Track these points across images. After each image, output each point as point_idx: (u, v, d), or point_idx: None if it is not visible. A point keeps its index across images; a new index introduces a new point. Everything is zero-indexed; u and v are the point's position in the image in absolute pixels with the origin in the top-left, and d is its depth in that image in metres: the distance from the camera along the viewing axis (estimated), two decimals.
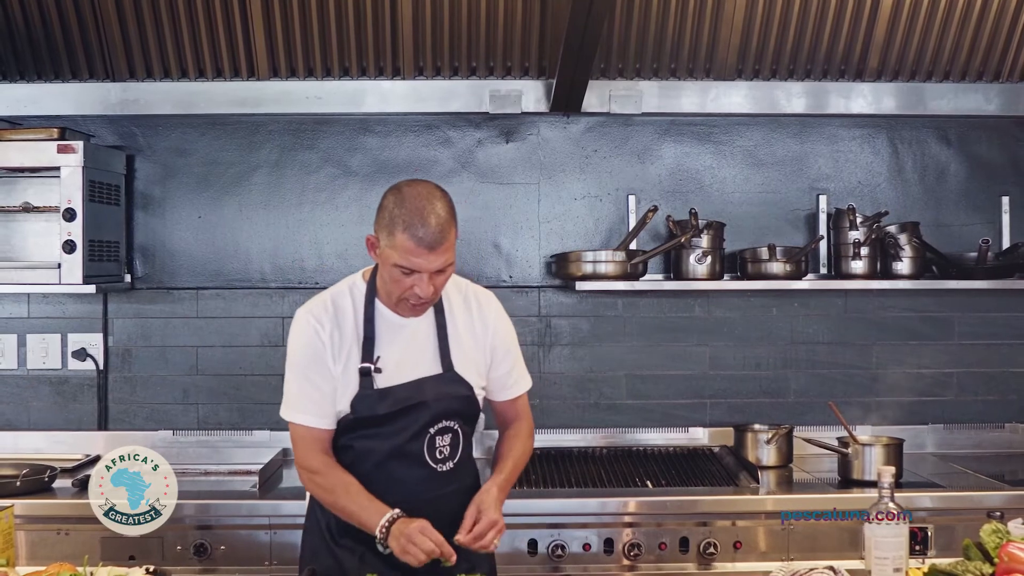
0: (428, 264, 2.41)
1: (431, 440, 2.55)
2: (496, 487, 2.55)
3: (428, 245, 2.39)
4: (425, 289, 2.43)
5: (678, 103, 3.96)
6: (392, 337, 2.57)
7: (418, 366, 2.57)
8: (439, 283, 2.48)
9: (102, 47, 3.74)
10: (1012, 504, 3.18)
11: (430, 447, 2.55)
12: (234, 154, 3.98)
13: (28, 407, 3.95)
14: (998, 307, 4.03)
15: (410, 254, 2.39)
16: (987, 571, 2.22)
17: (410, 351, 2.57)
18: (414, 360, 2.57)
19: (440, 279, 2.47)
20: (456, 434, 2.59)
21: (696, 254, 3.80)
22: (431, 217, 2.39)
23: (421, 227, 2.38)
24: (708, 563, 3.25)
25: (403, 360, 2.56)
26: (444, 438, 2.57)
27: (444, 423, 2.57)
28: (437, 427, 2.56)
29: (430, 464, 2.56)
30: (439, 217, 2.41)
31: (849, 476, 3.51)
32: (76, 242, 3.47)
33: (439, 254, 2.41)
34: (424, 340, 2.59)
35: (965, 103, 3.99)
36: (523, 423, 2.77)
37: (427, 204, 2.41)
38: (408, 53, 3.77)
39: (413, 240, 2.38)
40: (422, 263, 2.40)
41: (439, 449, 2.57)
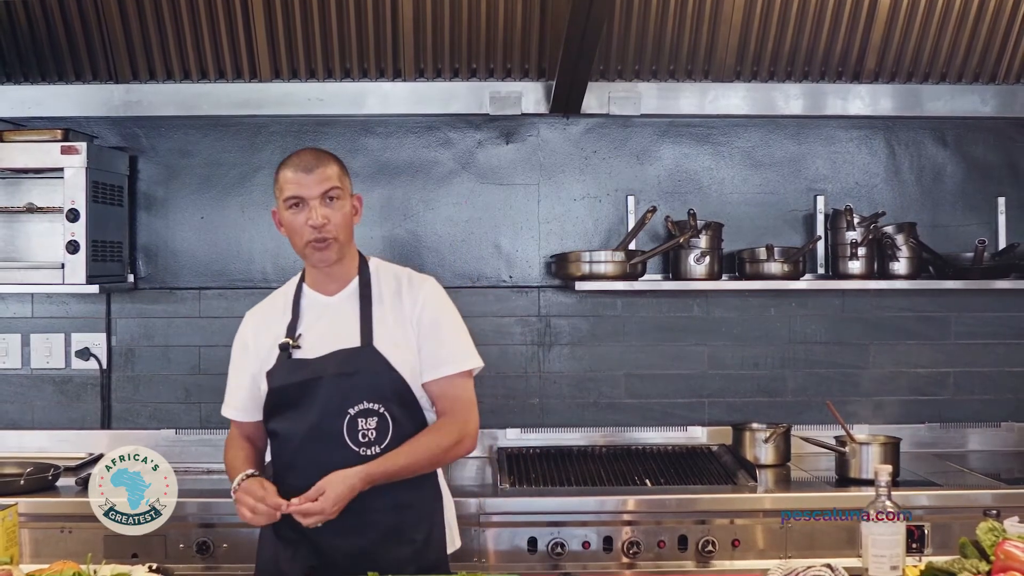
0: (309, 188, 2.55)
1: (352, 421, 2.52)
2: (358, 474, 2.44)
3: (304, 168, 2.57)
4: (317, 217, 2.55)
5: (677, 104, 3.96)
6: (317, 317, 2.65)
7: (336, 341, 2.59)
8: (333, 217, 2.57)
9: (105, 49, 3.74)
10: (1008, 502, 3.18)
11: (351, 429, 2.52)
12: (236, 155, 3.98)
13: (32, 406, 3.95)
14: (994, 307, 4.03)
15: (292, 183, 2.57)
16: (983, 569, 2.22)
17: (332, 328, 2.61)
18: (334, 336, 2.60)
19: (333, 213, 2.58)
20: (383, 418, 2.53)
21: (695, 254, 3.80)
22: (306, 152, 2.64)
23: (296, 158, 2.61)
24: (707, 561, 3.25)
25: (324, 336, 2.60)
26: (368, 421, 2.53)
27: (365, 404, 2.53)
28: (357, 408, 2.53)
29: (351, 446, 2.52)
30: (314, 152, 2.64)
31: (846, 475, 3.50)
32: (80, 242, 3.47)
33: (319, 178, 2.57)
34: (347, 316, 2.63)
35: (961, 104, 3.99)
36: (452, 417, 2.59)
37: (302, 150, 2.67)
38: (409, 55, 3.77)
39: (290, 169, 2.59)
40: (304, 189, 2.57)
41: (362, 432, 2.52)
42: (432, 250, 3.97)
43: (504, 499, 3.29)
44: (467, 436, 2.61)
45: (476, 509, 3.21)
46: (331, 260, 2.61)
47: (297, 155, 2.63)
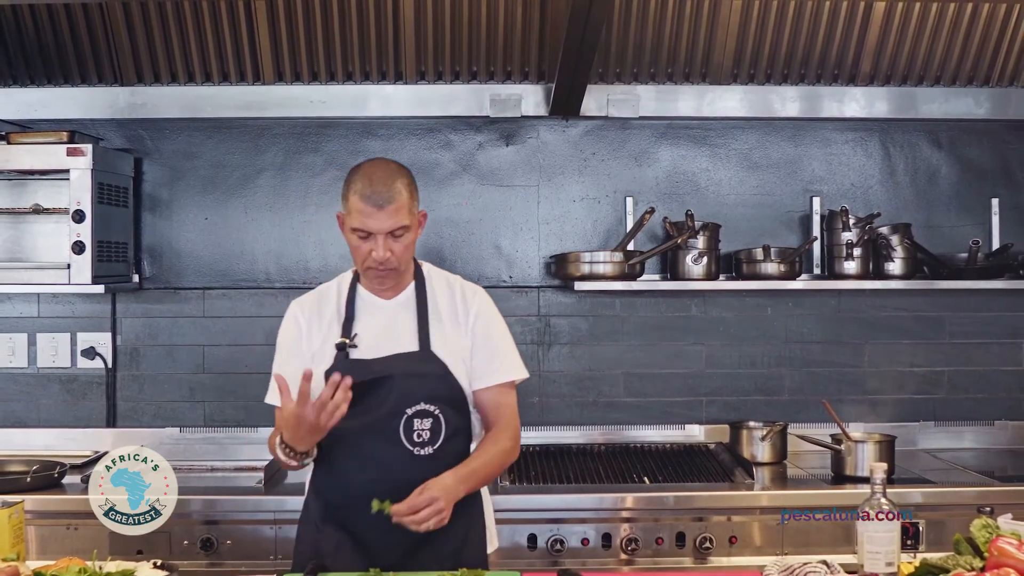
0: (378, 224, 2.49)
1: (408, 421, 2.52)
2: (453, 475, 2.46)
3: (377, 204, 2.49)
4: (380, 252, 2.50)
5: (675, 107, 3.96)
6: (372, 318, 2.62)
7: (394, 343, 2.59)
8: (397, 250, 2.53)
9: (111, 52, 3.74)
10: (1002, 500, 3.17)
11: (407, 428, 2.52)
12: (240, 157, 3.98)
13: (38, 404, 3.95)
14: (988, 307, 4.03)
15: (361, 214, 2.50)
16: (977, 565, 2.22)
17: (389, 331, 2.60)
18: (391, 338, 2.59)
19: (397, 246, 2.53)
20: (437, 419, 2.54)
21: (692, 255, 3.80)
22: (379, 180, 2.51)
23: (370, 187, 2.49)
24: (704, 558, 3.25)
25: (381, 338, 2.59)
26: (423, 421, 2.53)
27: (422, 405, 2.53)
28: (415, 409, 2.53)
29: (406, 445, 2.52)
30: (387, 180, 2.52)
31: (842, 472, 3.51)
32: (85, 243, 3.47)
33: (389, 214, 2.49)
34: (403, 321, 2.62)
35: (956, 107, 3.99)
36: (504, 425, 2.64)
37: (377, 170, 2.55)
38: (410, 58, 3.77)
39: (362, 200, 2.49)
40: (372, 223, 2.49)
41: (417, 432, 2.53)
42: (433, 250, 3.97)
43: (505, 496, 3.29)
44: (518, 444, 2.68)
45: None
46: (387, 287, 2.62)
47: (371, 179, 2.51)
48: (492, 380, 2.64)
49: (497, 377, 2.65)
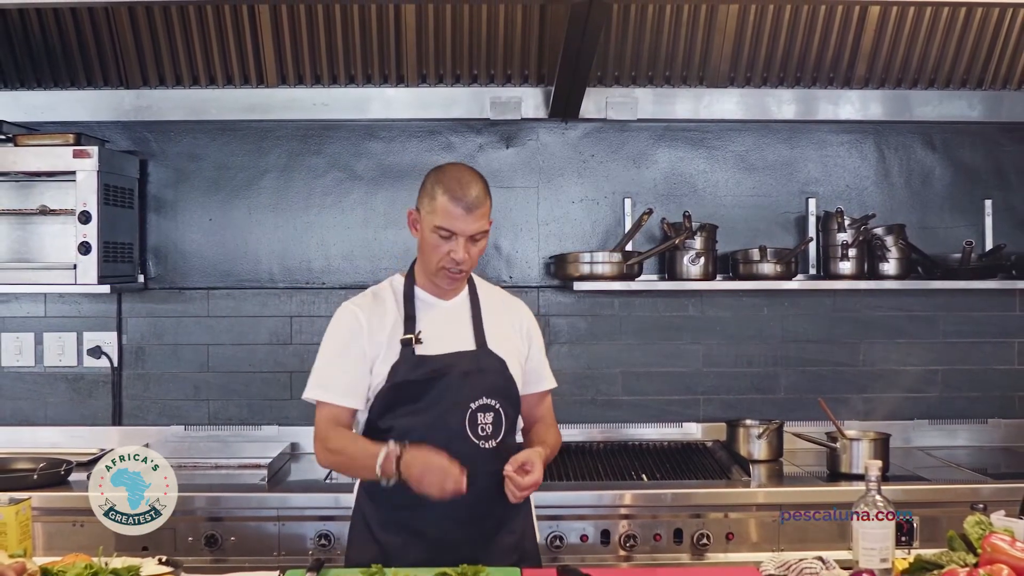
0: (465, 226, 2.53)
1: (472, 416, 2.55)
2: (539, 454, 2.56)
3: (466, 207, 2.52)
4: (461, 254, 2.54)
5: (672, 110, 3.96)
6: (430, 317, 2.65)
7: (454, 341, 2.62)
8: (474, 253, 2.58)
9: (116, 56, 3.73)
10: (995, 497, 3.17)
11: (472, 422, 2.55)
12: (244, 159, 3.98)
13: (45, 403, 3.95)
14: (981, 307, 4.03)
15: (449, 215, 2.52)
16: (971, 561, 2.22)
17: (447, 329, 2.64)
18: (451, 337, 2.63)
19: (475, 249, 2.58)
20: (498, 413, 2.58)
21: (690, 255, 3.80)
22: (469, 183, 2.56)
23: (460, 190, 2.53)
24: (701, 554, 3.25)
25: (441, 336, 2.61)
26: (486, 416, 2.57)
27: (485, 400, 2.58)
28: (478, 403, 2.56)
29: (472, 439, 2.55)
30: (477, 185, 2.57)
31: (837, 470, 3.51)
32: (91, 244, 3.47)
33: (476, 218, 2.54)
34: (460, 320, 2.67)
35: (949, 109, 3.99)
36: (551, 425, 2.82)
37: (466, 174, 2.60)
38: (412, 61, 3.77)
39: (452, 201, 2.52)
40: (459, 224, 2.53)
41: (481, 426, 2.56)
42: None
43: None
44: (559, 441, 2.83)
45: None
46: (454, 288, 2.66)
47: (460, 182, 2.55)
48: (542, 386, 2.80)
49: (543, 385, 2.81)
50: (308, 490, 3.33)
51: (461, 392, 2.57)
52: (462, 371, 2.58)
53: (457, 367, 2.58)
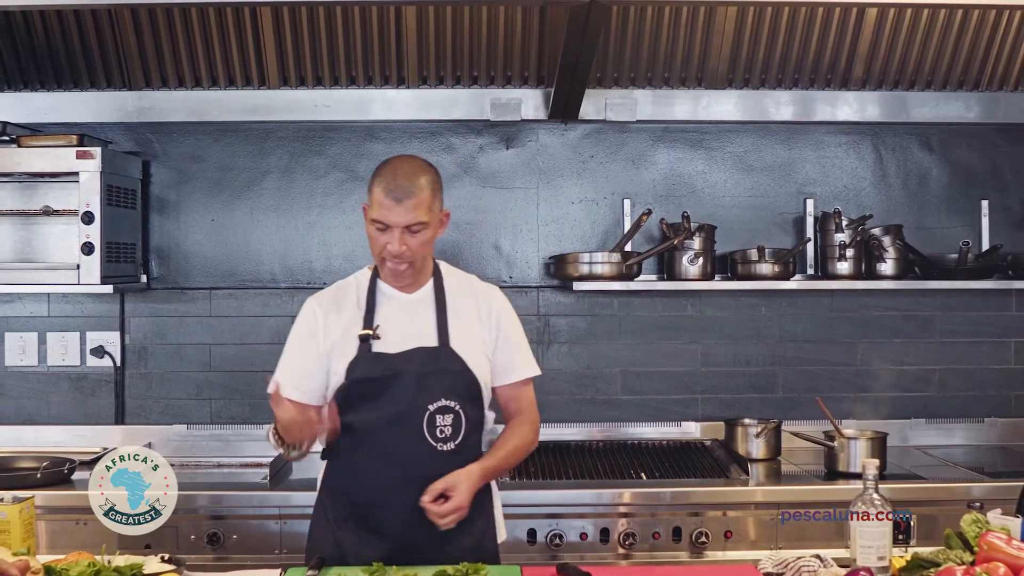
0: (396, 217, 2.49)
1: (431, 418, 2.51)
2: (479, 468, 2.50)
3: (395, 197, 2.48)
4: (396, 246, 2.50)
5: (671, 111, 3.96)
6: (393, 312, 2.61)
7: (414, 338, 2.57)
8: (412, 245, 2.52)
9: (119, 57, 3.73)
10: (991, 495, 3.18)
11: (430, 425, 2.52)
12: (246, 160, 3.98)
13: (48, 402, 3.95)
14: (978, 306, 4.03)
15: (381, 207, 2.50)
16: (967, 559, 2.22)
17: (409, 325, 2.59)
18: (412, 333, 2.58)
19: (413, 241, 2.52)
20: (458, 415, 2.54)
21: (688, 255, 3.80)
22: (404, 174, 2.51)
23: (392, 180, 2.50)
24: (700, 552, 3.25)
25: (402, 333, 2.57)
26: (445, 417, 2.53)
27: (443, 401, 2.53)
28: (436, 405, 2.52)
29: (429, 441, 2.51)
30: (410, 175, 2.51)
31: (835, 468, 3.51)
32: (94, 244, 3.47)
33: (408, 209, 2.48)
34: (423, 316, 2.61)
35: (946, 111, 3.99)
36: (526, 416, 2.70)
37: (403, 165, 2.57)
38: (412, 63, 3.77)
39: (383, 192, 2.50)
40: (391, 216, 2.49)
41: (440, 428, 2.52)
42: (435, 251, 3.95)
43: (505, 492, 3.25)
44: (538, 434, 2.74)
45: None
46: (404, 282, 2.61)
47: (394, 173, 2.52)
48: (514, 377, 2.67)
49: (519, 374, 2.69)
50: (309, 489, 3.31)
51: (419, 394, 2.52)
52: (420, 371, 2.53)
53: (416, 366, 2.54)
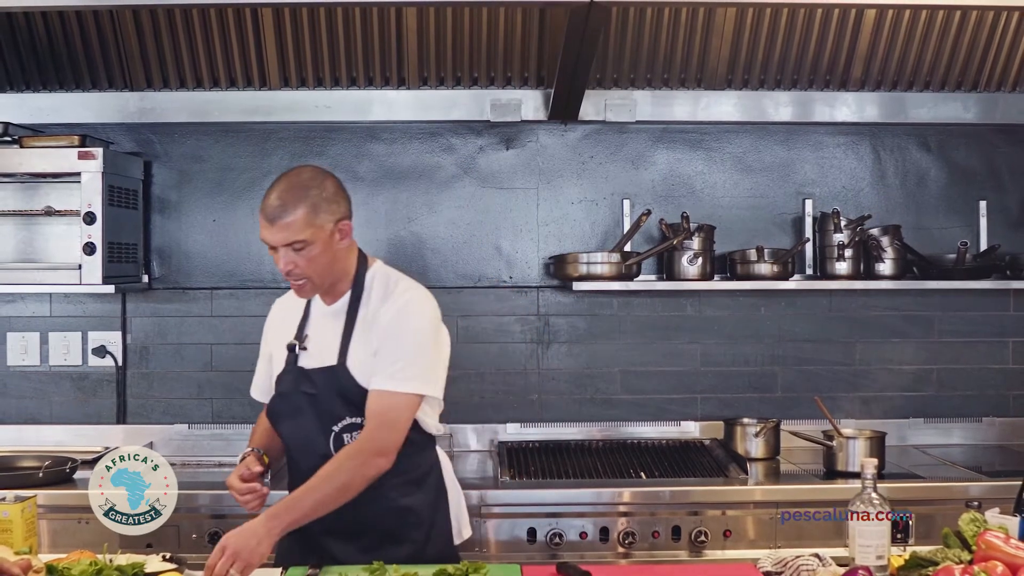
0: (271, 236, 2.45)
1: (337, 437, 2.52)
2: (262, 520, 2.34)
3: (268, 218, 2.44)
4: (281, 264, 2.47)
5: (670, 112, 3.96)
6: (318, 324, 2.61)
7: (322, 355, 2.56)
8: (299, 263, 2.45)
9: (120, 58, 3.73)
10: (989, 494, 3.17)
11: (337, 443, 2.52)
12: (247, 160, 3.98)
13: (50, 402, 3.95)
14: (976, 306, 4.03)
15: (261, 226, 2.47)
16: (965, 558, 2.22)
17: (324, 340, 2.58)
18: (323, 349, 2.56)
19: (299, 259, 2.45)
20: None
21: (688, 256, 3.80)
22: (276, 193, 2.45)
23: (266, 200, 2.46)
24: (699, 551, 3.25)
25: (318, 348, 2.58)
26: (352, 434, 2.52)
27: (348, 419, 2.51)
28: (341, 424, 2.52)
29: None
30: (285, 194, 2.44)
31: (834, 468, 3.50)
32: (96, 244, 3.47)
33: (279, 229, 2.43)
34: (333, 330, 2.57)
35: (944, 111, 3.99)
36: (361, 442, 2.44)
37: (282, 183, 2.50)
38: (413, 64, 3.77)
39: (261, 213, 2.47)
40: (266, 235, 2.46)
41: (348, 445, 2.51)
42: (435, 252, 3.97)
43: (504, 491, 3.29)
44: (373, 456, 2.42)
45: (477, 501, 3.21)
46: (307, 296, 2.58)
47: (272, 192, 2.45)
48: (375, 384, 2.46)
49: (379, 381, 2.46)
50: None
51: (324, 415, 2.52)
52: (322, 392, 2.52)
53: (318, 387, 2.52)
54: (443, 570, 2.27)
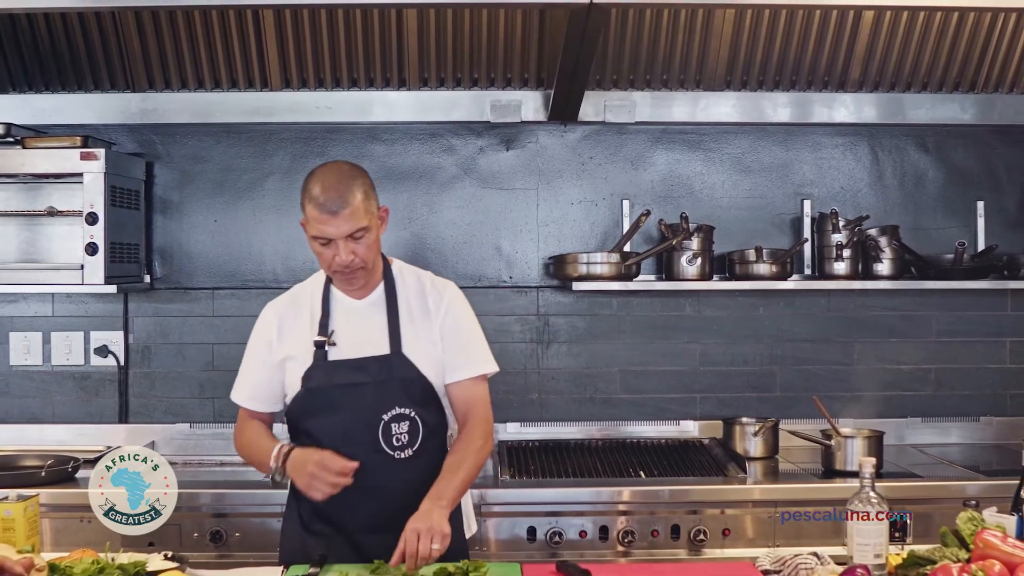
0: (336, 230, 2.43)
1: (386, 427, 2.49)
2: (432, 503, 2.37)
3: (330, 211, 2.41)
4: (343, 257, 2.45)
5: (669, 112, 3.96)
6: (347, 319, 2.58)
7: (368, 346, 2.55)
8: (359, 251, 2.47)
9: (123, 60, 3.73)
10: (987, 493, 3.18)
11: (385, 434, 2.50)
12: (248, 161, 3.98)
13: (53, 401, 3.95)
14: (973, 306, 4.03)
15: (317, 222, 2.44)
16: (963, 557, 2.22)
17: (363, 332, 2.56)
18: (365, 340, 2.55)
19: (359, 247, 2.46)
20: (414, 422, 2.51)
21: (687, 256, 3.80)
22: (331, 186, 2.43)
23: (322, 195, 2.42)
24: (698, 549, 3.25)
25: (355, 339, 2.55)
26: (401, 425, 2.51)
27: (398, 410, 2.51)
28: (391, 414, 2.50)
29: (386, 450, 2.50)
30: (339, 185, 2.44)
31: (832, 467, 3.51)
32: (98, 244, 3.47)
33: (344, 219, 2.42)
34: (375, 322, 2.57)
35: (942, 112, 3.99)
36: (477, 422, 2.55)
37: (329, 175, 2.47)
38: (413, 65, 3.77)
39: (317, 209, 2.43)
40: (330, 230, 2.43)
41: (396, 436, 2.51)
42: (435, 252, 3.97)
43: (504, 490, 3.29)
44: (491, 437, 2.60)
45: (478, 499, 3.20)
46: (358, 287, 2.57)
47: (323, 186, 2.43)
48: (463, 374, 2.58)
49: (468, 371, 2.58)
50: None
51: (373, 404, 2.50)
52: (374, 380, 2.51)
53: (368, 375, 2.51)
54: (443, 568, 2.27)
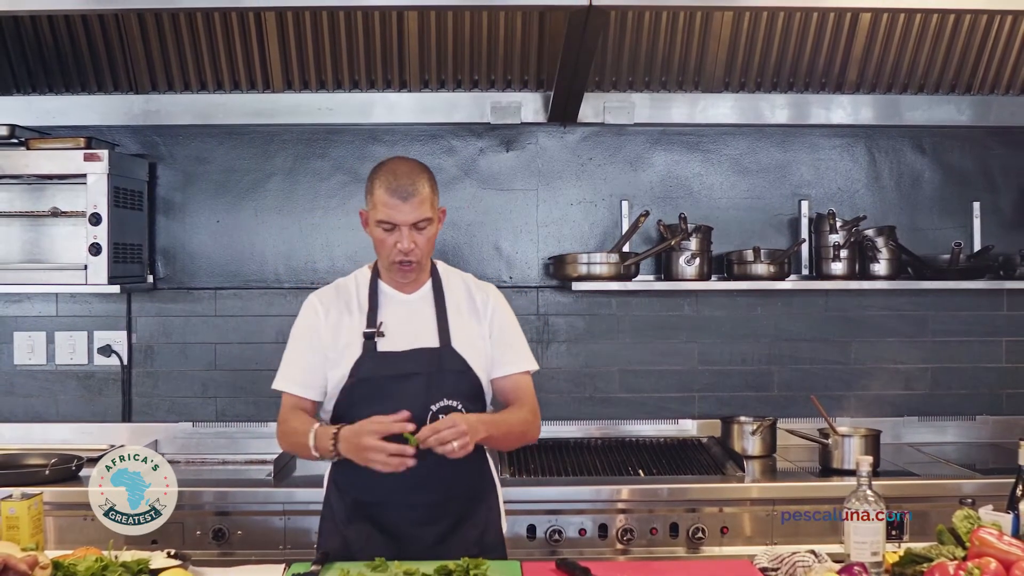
0: (404, 216, 2.50)
1: (433, 418, 2.49)
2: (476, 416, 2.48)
3: (401, 196, 2.50)
4: (406, 243, 2.51)
5: (668, 114, 3.96)
6: (394, 311, 2.62)
7: (416, 338, 2.58)
8: (420, 242, 2.54)
9: (126, 61, 3.73)
10: (983, 492, 3.17)
11: None
12: (250, 162, 3.98)
13: (56, 400, 3.95)
14: (969, 306, 4.03)
15: (386, 207, 2.51)
16: (959, 555, 2.22)
17: (411, 325, 2.60)
18: (413, 333, 2.59)
19: (420, 238, 2.54)
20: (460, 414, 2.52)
21: (685, 256, 3.80)
22: (404, 174, 2.53)
23: (395, 181, 2.52)
24: (696, 547, 3.25)
25: (403, 332, 2.58)
26: None
27: (446, 402, 2.54)
28: (439, 405, 2.53)
29: None
30: (411, 174, 2.54)
31: (829, 465, 3.51)
32: (101, 245, 3.47)
33: (413, 207, 2.51)
34: (424, 316, 2.62)
35: (939, 114, 3.99)
36: (524, 403, 2.66)
37: (401, 165, 2.58)
38: (414, 67, 3.77)
39: (388, 193, 2.51)
40: (398, 215, 2.50)
41: None
42: (436, 252, 3.93)
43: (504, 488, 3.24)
44: (539, 420, 2.70)
45: None
46: (413, 279, 2.63)
47: (395, 173, 2.53)
48: (511, 369, 2.67)
49: (515, 366, 2.68)
50: (313, 485, 3.31)
51: (422, 394, 2.52)
52: (423, 372, 2.54)
53: (418, 367, 2.55)
54: (444, 566, 2.27)
